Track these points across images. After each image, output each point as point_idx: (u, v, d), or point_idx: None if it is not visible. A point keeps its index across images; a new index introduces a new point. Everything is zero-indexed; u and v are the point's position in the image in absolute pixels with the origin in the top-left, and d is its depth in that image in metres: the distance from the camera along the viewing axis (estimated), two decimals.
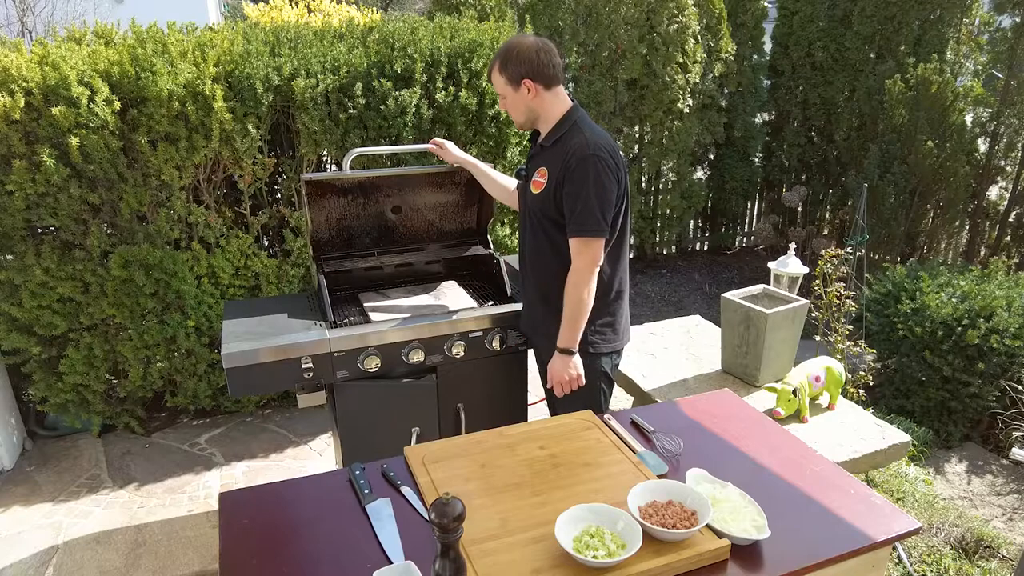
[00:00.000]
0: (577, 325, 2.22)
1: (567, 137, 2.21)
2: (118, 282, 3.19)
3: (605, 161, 2.14)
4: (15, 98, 2.78)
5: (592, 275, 2.19)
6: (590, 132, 2.19)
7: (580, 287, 2.18)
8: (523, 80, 2.19)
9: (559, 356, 2.26)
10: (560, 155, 2.19)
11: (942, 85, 5.26)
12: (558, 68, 2.22)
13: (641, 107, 5.93)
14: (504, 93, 2.25)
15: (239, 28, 3.50)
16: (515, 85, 2.21)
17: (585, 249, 2.16)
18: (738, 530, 1.41)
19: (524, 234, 2.42)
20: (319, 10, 5.00)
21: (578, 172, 2.13)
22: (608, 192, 2.15)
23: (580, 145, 2.15)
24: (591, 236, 2.15)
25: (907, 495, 3.32)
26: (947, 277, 4.33)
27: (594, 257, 2.17)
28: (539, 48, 2.18)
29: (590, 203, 2.13)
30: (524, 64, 2.17)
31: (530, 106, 2.24)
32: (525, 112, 2.26)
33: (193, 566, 2.80)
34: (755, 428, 1.88)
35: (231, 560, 1.40)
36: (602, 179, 2.13)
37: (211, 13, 7.78)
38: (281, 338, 2.33)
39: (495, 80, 2.26)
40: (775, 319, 2.69)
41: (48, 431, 3.67)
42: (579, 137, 2.18)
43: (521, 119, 2.29)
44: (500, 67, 2.22)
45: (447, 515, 1.19)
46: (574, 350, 2.25)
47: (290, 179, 3.42)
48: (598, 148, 2.14)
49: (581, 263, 2.17)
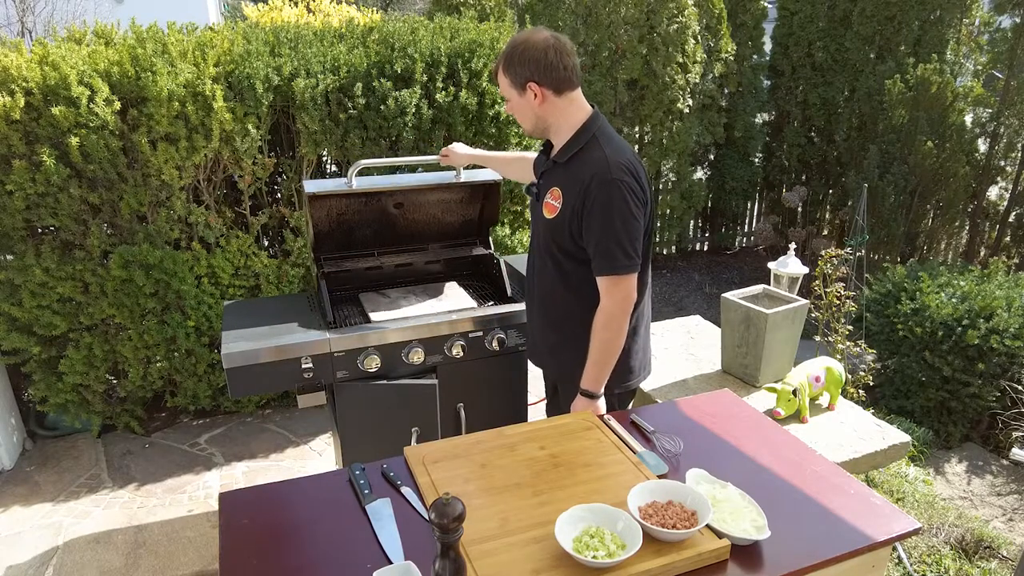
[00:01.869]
0: (604, 368, 1.99)
1: (585, 154, 1.93)
2: (118, 282, 3.19)
3: (630, 187, 1.87)
4: (15, 98, 2.78)
5: (625, 315, 1.95)
6: (611, 150, 1.91)
7: (610, 329, 1.95)
8: (528, 83, 1.91)
9: (581, 399, 2.03)
10: (577, 177, 1.92)
11: (942, 85, 5.26)
12: (572, 70, 1.92)
13: (641, 107, 5.93)
14: (508, 96, 1.98)
15: (239, 28, 3.50)
16: (520, 88, 1.93)
17: (615, 288, 1.92)
18: (738, 530, 1.41)
19: (533, 252, 2.18)
20: (319, 10, 5.00)
21: (600, 201, 1.86)
22: (636, 221, 1.89)
23: (601, 168, 1.87)
24: (622, 274, 1.91)
25: (907, 495, 3.32)
26: (947, 277, 4.33)
27: (626, 294, 1.93)
28: (550, 46, 1.89)
29: (618, 236, 1.87)
30: (531, 64, 1.89)
31: (538, 113, 1.96)
32: (533, 119, 1.98)
33: (193, 566, 2.80)
34: (755, 428, 1.88)
35: (231, 560, 1.40)
36: (630, 207, 1.87)
37: (211, 13, 7.78)
38: (281, 338, 2.33)
39: (500, 81, 1.98)
40: (775, 319, 2.69)
41: (48, 431, 3.67)
42: (598, 156, 1.90)
43: (529, 126, 2.01)
44: (505, 66, 1.94)
45: (447, 515, 1.19)
46: (599, 394, 2.02)
47: (290, 179, 3.42)
48: (621, 171, 1.87)
49: (611, 303, 1.93)
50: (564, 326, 2.12)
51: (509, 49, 1.93)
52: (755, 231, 7.08)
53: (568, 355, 2.12)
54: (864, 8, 5.93)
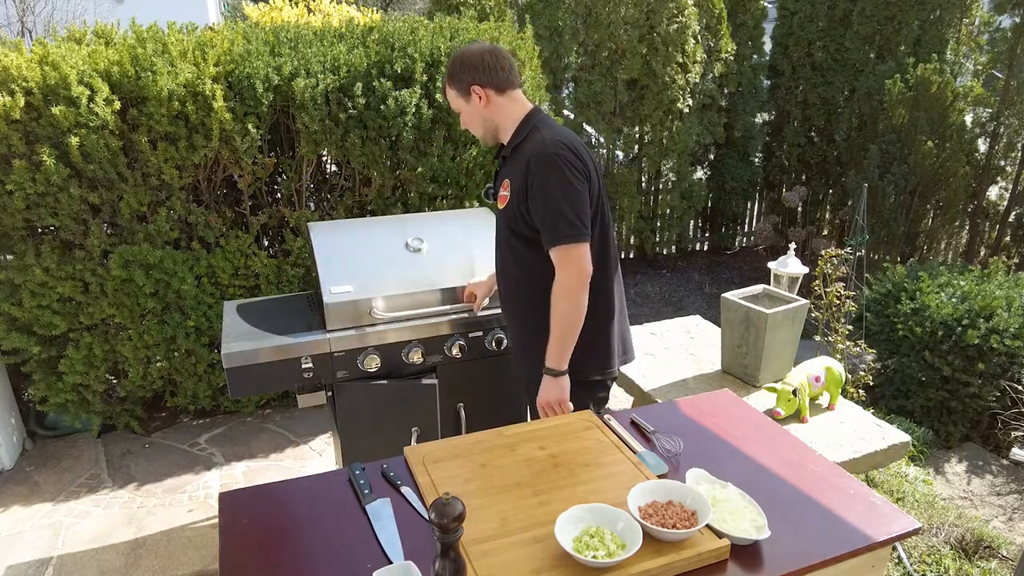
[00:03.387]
0: (565, 342, 2.00)
1: (526, 141, 2.03)
2: (118, 282, 3.19)
3: (568, 159, 1.94)
4: (15, 98, 2.78)
5: (583, 287, 1.97)
6: (548, 131, 1.99)
7: (568, 300, 1.97)
8: (471, 87, 2.02)
9: (547, 379, 2.04)
10: (520, 161, 2.00)
11: (942, 85, 5.26)
12: (510, 71, 2.04)
13: (641, 107, 5.93)
14: (458, 107, 2.09)
15: (239, 28, 3.50)
16: (466, 96, 2.04)
17: (567, 259, 1.95)
18: (738, 530, 1.41)
19: (497, 258, 2.24)
20: (319, 10, 5.00)
21: (540, 175, 1.93)
22: (576, 191, 1.94)
23: (539, 147, 1.96)
24: (570, 242, 1.93)
25: (907, 495, 3.32)
26: (947, 277, 4.33)
27: (579, 265, 1.95)
28: (485, 51, 2.03)
29: (559, 207, 1.92)
30: (470, 71, 2.01)
31: (484, 115, 2.06)
32: (482, 123, 2.08)
33: (193, 566, 2.80)
34: (755, 428, 1.88)
35: (231, 560, 1.40)
36: (568, 178, 1.93)
37: (211, 13, 7.78)
38: (281, 338, 2.33)
39: (448, 96, 2.10)
40: (775, 319, 2.69)
41: (48, 431, 3.67)
42: (537, 138, 1.99)
43: (480, 132, 2.11)
44: (449, 79, 2.07)
45: (447, 515, 1.19)
46: (560, 370, 2.03)
47: (290, 179, 3.42)
48: (558, 146, 1.94)
49: (565, 274, 1.96)
50: (528, 320, 2.14)
51: (450, 64, 2.07)
52: (755, 231, 7.08)
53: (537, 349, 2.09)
54: (864, 8, 5.93)
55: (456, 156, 3.50)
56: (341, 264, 2.50)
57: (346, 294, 2.38)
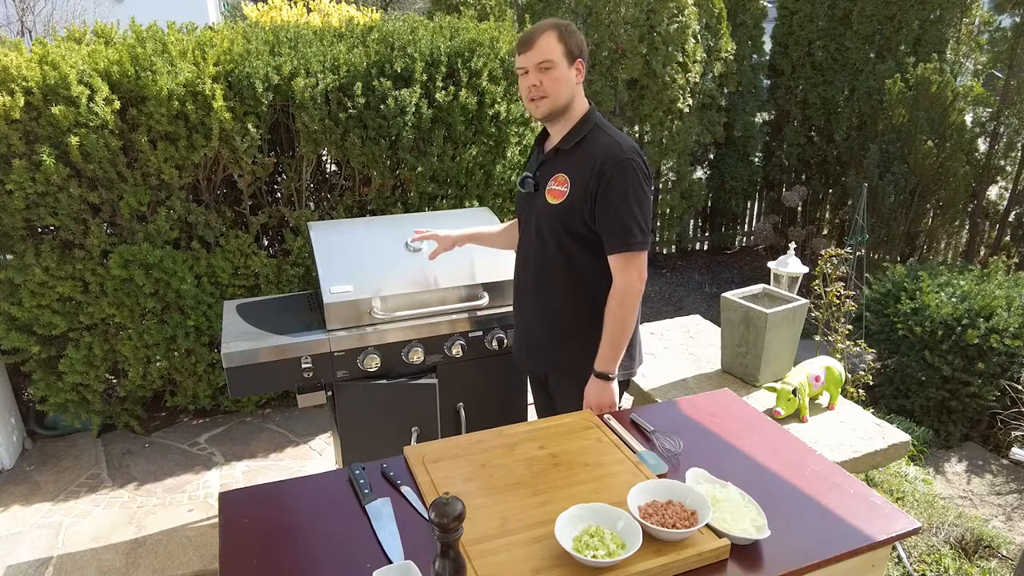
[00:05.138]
0: (619, 348, 2.02)
1: (591, 140, 2.02)
2: (118, 282, 3.19)
3: (641, 167, 1.96)
4: (15, 97, 2.78)
5: (639, 294, 2.00)
6: (616, 135, 2.01)
7: (625, 306, 1.98)
8: (578, 59, 1.99)
9: (595, 381, 2.04)
10: (587, 160, 1.99)
11: (942, 85, 5.26)
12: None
13: (641, 107, 5.93)
14: (557, 62, 1.96)
15: (239, 28, 3.50)
16: (570, 59, 1.98)
17: (629, 266, 1.97)
18: (738, 530, 1.41)
19: (527, 251, 2.19)
20: (319, 10, 5.00)
21: (616, 179, 1.94)
22: (648, 199, 1.97)
23: (613, 150, 1.96)
24: (636, 250, 1.96)
25: (907, 495, 3.32)
26: (947, 277, 4.33)
27: (640, 273, 1.98)
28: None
29: (633, 213, 1.94)
30: (581, 44, 1.99)
31: (573, 90, 2.02)
32: (567, 95, 2.01)
33: (193, 566, 2.80)
34: (755, 428, 1.88)
35: (231, 560, 1.40)
36: (642, 185, 1.96)
37: (211, 13, 7.78)
38: (281, 338, 2.33)
39: (549, 46, 1.95)
40: (775, 319, 2.69)
41: (48, 431, 3.67)
42: (607, 140, 1.99)
43: (551, 100, 2.00)
44: (560, 35, 1.96)
45: (447, 515, 1.19)
46: (614, 375, 2.04)
47: (290, 179, 3.42)
48: (634, 152, 1.97)
49: (625, 281, 1.98)
50: (563, 318, 2.12)
51: (561, 23, 1.99)
52: (755, 231, 7.08)
53: (566, 349, 2.13)
54: (864, 7, 5.93)
55: (456, 156, 3.50)
56: (341, 264, 2.50)
57: (346, 294, 2.38)
